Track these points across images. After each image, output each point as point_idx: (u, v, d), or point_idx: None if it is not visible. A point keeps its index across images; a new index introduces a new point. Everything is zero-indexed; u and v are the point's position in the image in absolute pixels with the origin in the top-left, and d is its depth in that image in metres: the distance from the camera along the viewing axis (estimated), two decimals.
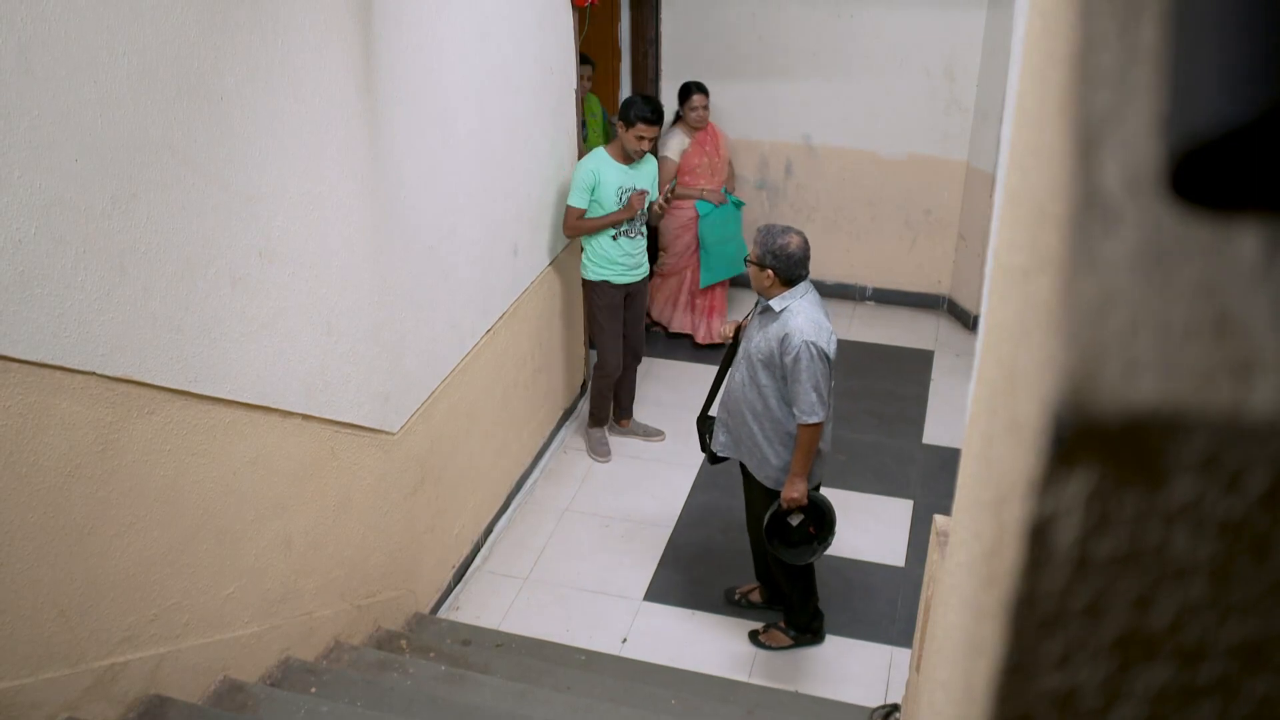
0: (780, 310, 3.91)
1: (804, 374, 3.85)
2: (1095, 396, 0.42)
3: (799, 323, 3.86)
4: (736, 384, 4.13)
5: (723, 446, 4.30)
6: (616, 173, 5.26)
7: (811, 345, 3.82)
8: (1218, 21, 0.39)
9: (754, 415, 4.07)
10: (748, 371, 4.05)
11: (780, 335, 3.88)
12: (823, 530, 4.19)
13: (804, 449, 4.00)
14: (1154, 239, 0.44)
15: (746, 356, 4.06)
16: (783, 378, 3.94)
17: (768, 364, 3.96)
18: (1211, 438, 0.42)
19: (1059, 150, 0.52)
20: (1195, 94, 0.40)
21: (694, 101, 6.29)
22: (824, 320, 3.93)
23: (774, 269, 3.88)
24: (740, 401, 4.11)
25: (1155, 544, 0.45)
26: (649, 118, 5.12)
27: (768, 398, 4.01)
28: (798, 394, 3.90)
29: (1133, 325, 0.43)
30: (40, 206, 2.35)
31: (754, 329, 4.07)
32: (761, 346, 3.97)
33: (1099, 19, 0.49)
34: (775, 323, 3.92)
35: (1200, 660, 0.48)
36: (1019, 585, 0.48)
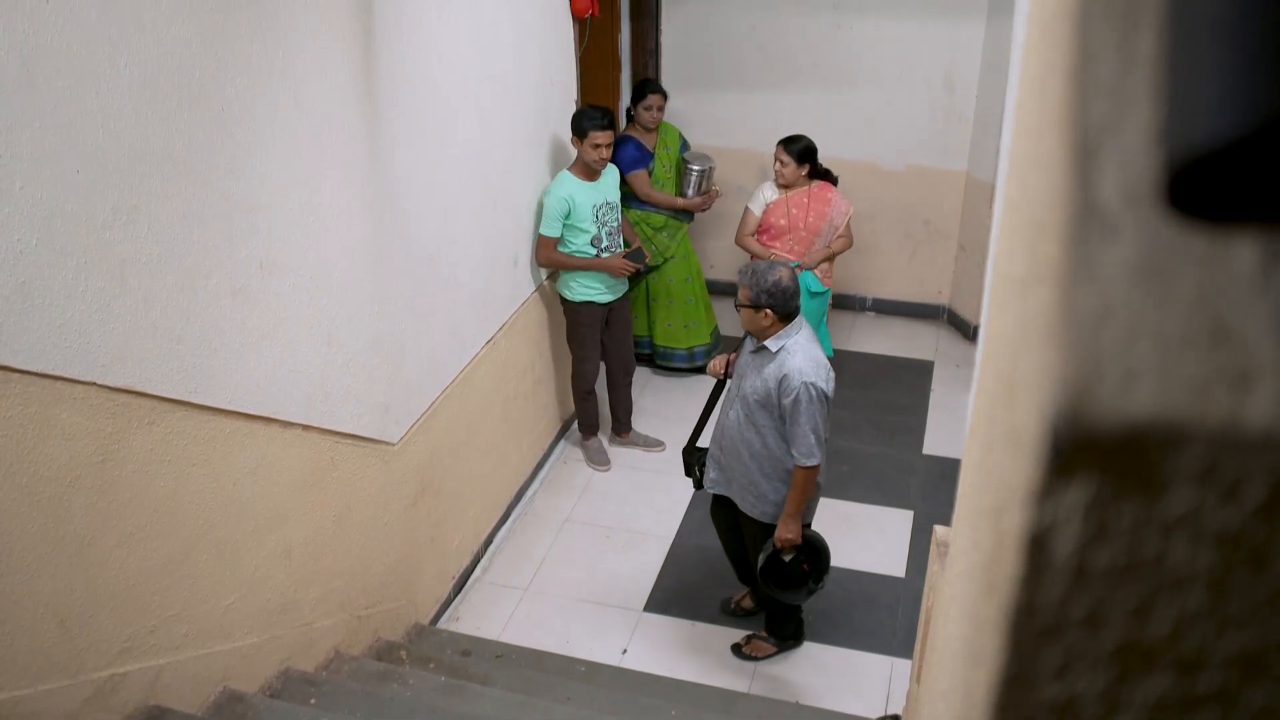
0: (777, 350, 3.81)
1: (803, 416, 3.76)
2: (1093, 406, 0.42)
3: (798, 363, 3.76)
4: (731, 423, 4.02)
5: (713, 483, 4.22)
6: (587, 192, 5.16)
7: (811, 387, 3.73)
8: (1215, 33, 0.39)
9: (751, 454, 3.98)
10: (743, 411, 3.95)
11: (778, 376, 3.79)
12: (818, 567, 4.14)
13: (799, 490, 3.93)
14: (1152, 250, 0.44)
15: (741, 397, 3.96)
16: (780, 418, 3.86)
17: (764, 404, 3.86)
18: (1209, 448, 0.42)
19: (1058, 161, 0.52)
20: (1193, 106, 0.40)
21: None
22: (822, 357, 3.84)
23: (771, 307, 3.76)
24: (736, 441, 4.01)
25: (1153, 554, 0.45)
26: (600, 123, 4.99)
27: (765, 437, 3.93)
28: (796, 436, 3.81)
29: (1131, 335, 0.43)
30: (42, 217, 2.36)
31: (747, 368, 3.96)
32: (758, 387, 3.86)
33: (1097, 30, 0.49)
34: (772, 363, 3.82)
35: (1199, 670, 0.48)
36: (1018, 595, 0.49)
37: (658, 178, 6.08)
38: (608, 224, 5.25)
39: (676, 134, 6.19)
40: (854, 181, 6.94)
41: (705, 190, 6.03)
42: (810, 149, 5.46)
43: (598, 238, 5.23)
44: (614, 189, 5.30)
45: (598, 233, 5.22)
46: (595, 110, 5.04)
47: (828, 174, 5.62)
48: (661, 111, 5.99)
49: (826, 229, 5.55)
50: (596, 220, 5.19)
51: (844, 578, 4.93)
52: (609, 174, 5.28)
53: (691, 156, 6.06)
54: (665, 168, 6.11)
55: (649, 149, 6.03)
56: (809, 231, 5.55)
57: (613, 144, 5.10)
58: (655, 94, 5.95)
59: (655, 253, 6.12)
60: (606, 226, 5.25)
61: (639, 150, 5.98)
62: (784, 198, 5.56)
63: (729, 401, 4.07)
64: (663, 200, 6.02)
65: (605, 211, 5.23)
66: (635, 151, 5.97)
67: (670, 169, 6.12)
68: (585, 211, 5.15)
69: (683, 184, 6.04)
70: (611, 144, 5.09)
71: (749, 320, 3.83)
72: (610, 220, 5.27)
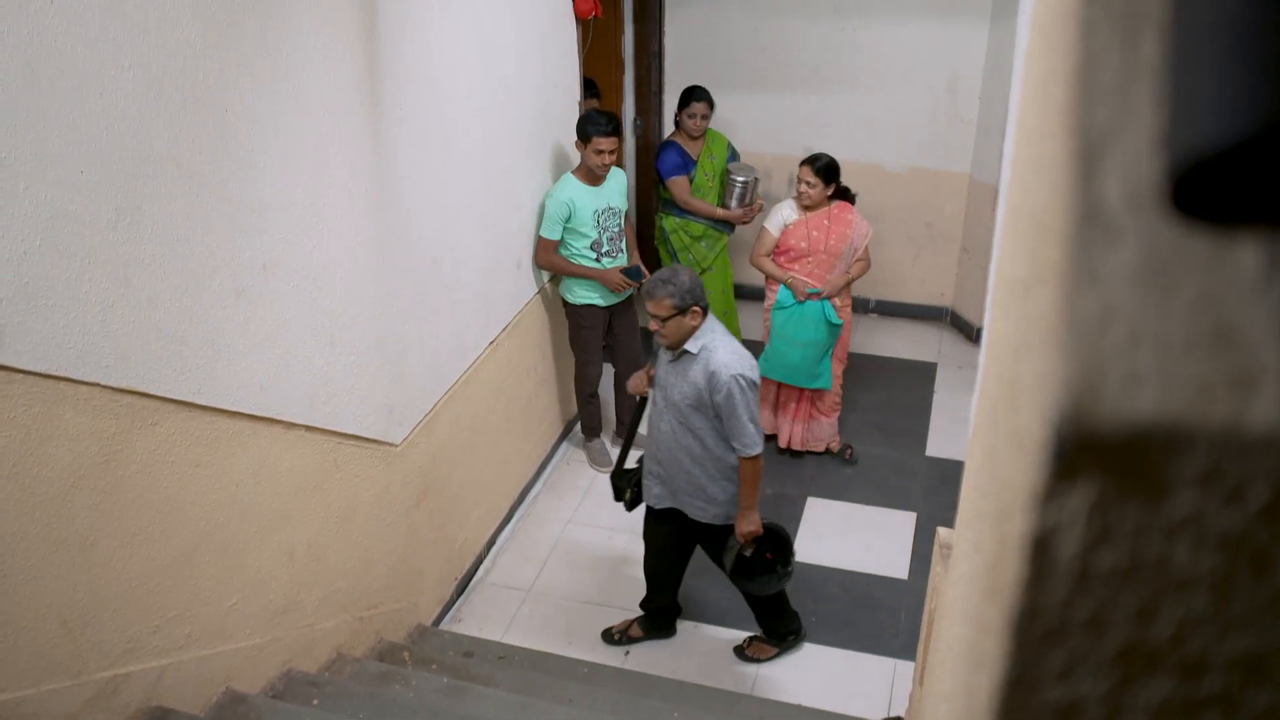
0: (698, 351, 3.82)
1: (739, 408, 3.79)
2: (1096, 410, 0.42)
3: (722, 358, 3.78)
4: (666, 435, 4.01)
5: (657, 498, 4.19)
6: (589, 197, 5.12)
7: (740, 378, 3.76)
8: (1217, 38, 0.40)
9: (693, 459, 3.98)
10: (676, 420, 3.95)
11: (706, 375, 3.80)
12: (783, 555, 4.16)
13: (750, 482, 3.95)
14: (1154, 253, 0.44)
15: (671, 406, 3.95)
16: (716, 416, 3.87)
17: (697, 407, 3.87)
18: (1212, 451, 0.42)
19: (1060, 165, 0.52)
20: (1195, 109, 0.40)
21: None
22: (740, 347, 3.88)
23: (696, 304, 3.77)
24: (675, 450, 4.00)
25: (1156, 557, 0.45)
26: (604, 129, 4.95)
27: (704, 439, 3.93)
28: (735, 430, 3.84)
29: (1133, 339, 0.43)
30: (46, 218, 2.36)
31: (669, 378, 3.95)
32: (686, 392, 3.87)
33: (1100, 35, 0.49)
34: (695, 365, 3.83)
35: (1202, 673, 0.48)
36: (1021, 598, 0.49)
37: (699, 186, 5.97)
38: (609, 230, 5.21)
39: (725, 143, 6.07)
40: (857, 184, 6.91)
41: (749, 203, 5.90)
42: (834, 166, 5.28)
43: (598, 243, 5.19)
44: (618, 195, 5.25)
45: (598, 238, 5.18)
46: (601, 115, 5.00)
47: (846, 192, 5.43)
48: (706, 119, 5.90)
49: (847, 252, 5.33)
50: (597, 225, 5.16)
51: (847, 580, 4.93)
52: (614, 180, 5.23)
53: (736, 168, 5.92)
54: (708, 176, 5.99)
55: (692, 156, 5.94)
56: (830, 254, 5.32)
57: (616, 150, 5.05)
58: (700, 101, 5.87)
59: (692, 263, 6.03)
60: (608, 232, 5.21)
61: (681, 156, 5.90)
62: (804, 219, 5.33)
63: (657, 415, 4.05)
64: (701, 209, 5.92)
65: (607, 217, 5.19)
66: (677, 157, 5.89)
67: (714, 178, 6.00)
68: (586, 216, 5.11)
69: (725, 194, 5.93)
70: (615, 150, 5.04)
71: (676, 328, 3.80)
72: (612, 226, 5.22)
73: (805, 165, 5.26)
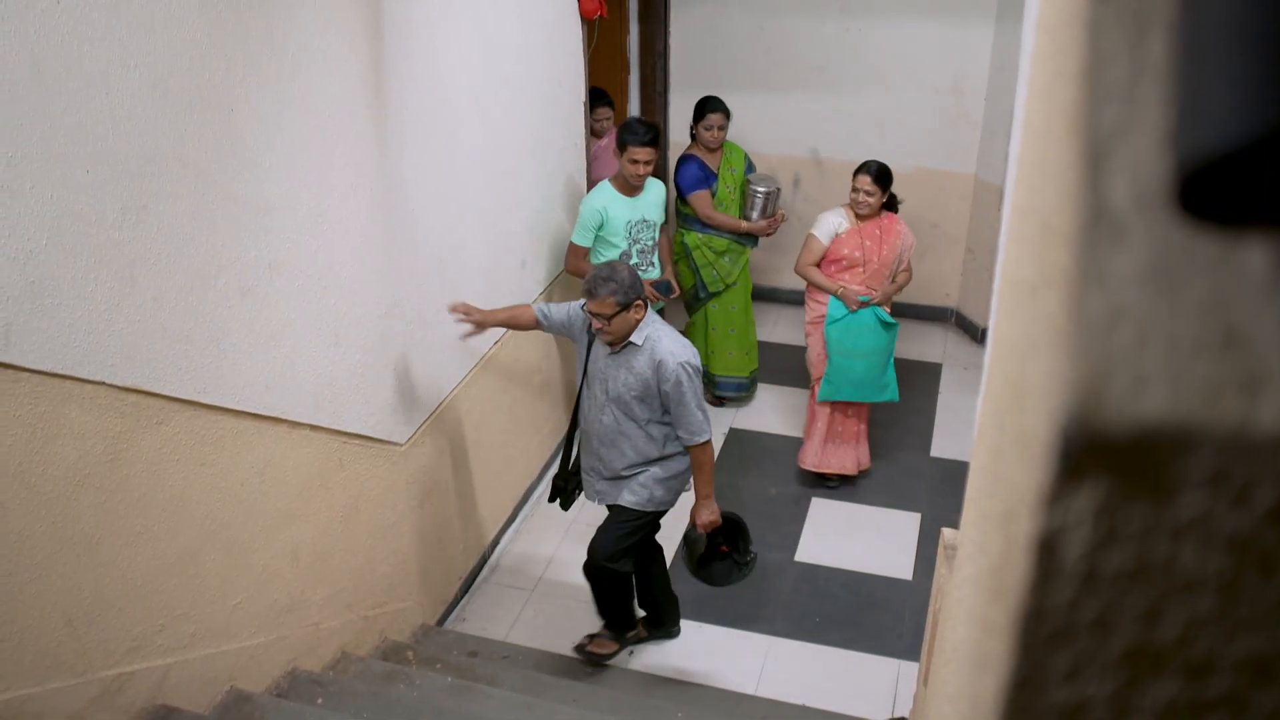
0: (642, 341, 3.78)
1: (688, 396, 3.77)
2: (1103, 411, 0.42)
3: (668, 346, 3.76)
4: (608, 428, 3.95)
5: (600, 495, 4.13)
6: (623, 206, 5.01)
7: (686, 365, 3.74)
8: (1226, 38, 0.39)
9: (635, 449, 3.95)
10: (618, 411, 3.90)
11: (653, 365, 3.76)
12: (736, 544, 4.13)
13: (705, 470, 3.92)
14: (1162, 254, 0.44)
15: (614, 399, 3.88)
16: (662, 406, 3.84)
17: (643, 398, 3.83)
18: (1219, 452, 0.42)
19: (1067, 166, 0.52)
20: (1204, 110, 0.40)
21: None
22: (681, 335, 3.87)
23: (638, 298, 3.72)
24: (618, 440, 3.95)
25: (1163, 558, 0.45)
26: (642, 139, 4.82)
27: (648, 429, 3.91)
28: (684, 417, 3.81)
29: (1141, 340, 0.43)
30: (52, 217, 2.36)
31: (610, 369, 3.88)
32: (632, 384, 3.82)
33: (1108, 35, 0.49)
34: (640, 355, 3.79)
35: (1208, 674, 0.48)
36: (1027, 599, 0.49)
37: (721, 199, 5.80)
38: (640, 242, 5.09)
39: (742, 155, 5.91)
40: None
41: (771, 214, 5.72)
42: (888, 172, 5.01)
43: (627, 254, 5.07)
44: (654, 207, 5.11)
45: (628, 249, 5.07)
46: (640, 124, 4.88)
47: (892, 200, 5.17)
48: (723, 131, 5.71)
49: (895, 262, 5.13)
50: (629, 236, 5.04)
51: (851, 580, 4.93)
52: (652, 191, 5.10)
53: (756, 179, 5.76)
54: (729, 189, 5.82)
55: (712, 169, 5.77)
56: (883, 265, 5.09)
57: (653, 160, 4.90)
58: (716, 112, 5.67)
59: (716, 279, 5.87)
60: (639, 244, 5.09)
61: (701, 170, 5.73)
62: (857, 228, 5.07)
63: (596, 409, 3.97)
64: (725, 223, 5.74)
65: (640, 229, 5.07)
66: (698, 171, 5.72)
67: (734, 190, 5.82)
68: (618, 226, 5.01)
69: (746, 207, 5.74)
70: (652, 161, 4.89)
71: (622, 324, 3.72)
72: (645, 239, 5.10)
73: (861, 174, 5.00)
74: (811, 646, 4.57)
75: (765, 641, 4.61)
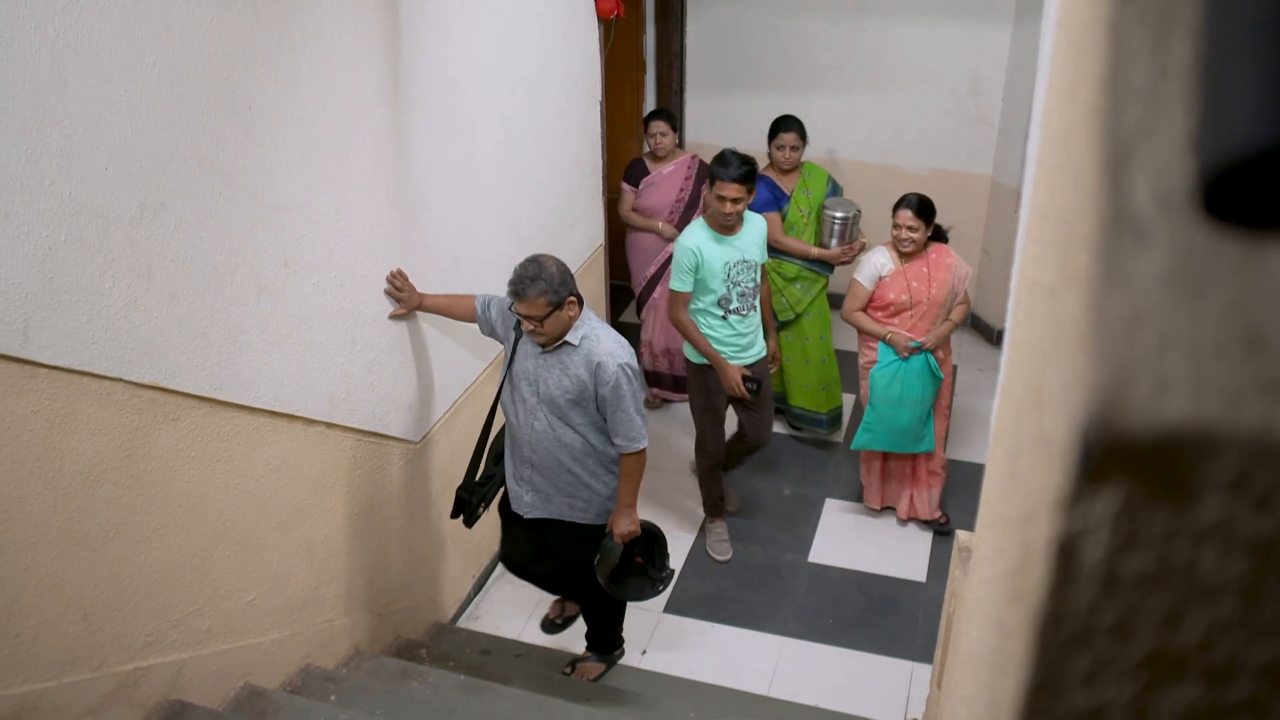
0: (579, 341, 3.53)
1: (627, 400, 3.54)
2: (1124, 414, 0.42)
3: (607, 346, 3.52)
4: (541, 434, 3.66)
5: (530, 507, 3.86)
6: (719, 248, 4.52)
7: (626, 368, 3.52)
8: (1250, 39, 0.39)
9: (574, 458, 3.69)
10: (552, 416, 3.63)
11: (590, 366, 3.52)
12: (658, 558, 3.96)
13: (634, 478, 3.70)
14: (1185, 257, 0.44)
15: (547, 402, 3.61)
16: (598, 410, 3.61)
17: (578, 401, 3.58)
18: (1241, 456, 0.42)
19: (1088, 167, 0.52)
20: (1227, 112, 0.40)
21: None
22: (620, 336, 3.64)
23: (572, 294, 3.47)
24: (552, 449, 3.67)
25: (1184, 562, 0.45)
26: (733, 174, 4.35)
27: (586, 435, 3.66)
28: (622, 423, 3.58)
29: (1163, 343, 0.43)
30: (70, 214, 2.38)
31: (541, 370, 3.60)
32: (567, 386, 3.56)
33: (1130, 36, 0.49)
34: (576, 354, 3.54)
35: (1229, 680, 0.48)
36: (1046, 602, 0.48)
37: (792, 222, 5.47)
38: (740, 285, 4.58)
39: (824, 177, 5.54)
40: (877, 186, 6.93)
41: (849, 240, 5.38)
42: (929, 203, 4.67)
43: (726, 298, 4.58)
44: (755, 247, 4.61)
45: (726, 293, 4.57)
46: (735, 156, 4.41)
47: (940, 231, 4.84)
48: (797, 150, 5.39)
49: (949, 299, 4.77)
50: (727, 279, 4.55)
51: (865, 581, 4.92)
52: (752, 229, 4.61)
53: (834, 203, 5.37)
54: (802, 213, 5.46)
55: (785, 191, 5.47)
56: (933, 304, 4.73)
57: (745, 199, 4.43)
58: (789, 131, 5.37)
59: (785, 307, 5.54)
60: (739, 288, 4.58)
61: (771, 191, 5.42)
62: (901, 269, 4.73)
63: (526, 413, 3.69)
64: (795, 248, 5.41)
65: (740, 271, 4.56)
66: (766, 193, 5.38)
67: (809, 215, 5.46)
68: (715, 268, 4.52)
69: (823, 232, 5.41)
70: (741, 198, 4.41)
71: (555, 325, 3.47)
72: (745, 281, 4.58)
73: (901, 209, 4.66)
74: (824, 648, 4.57)
75: (778, 642, 4.60)
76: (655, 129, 5.72)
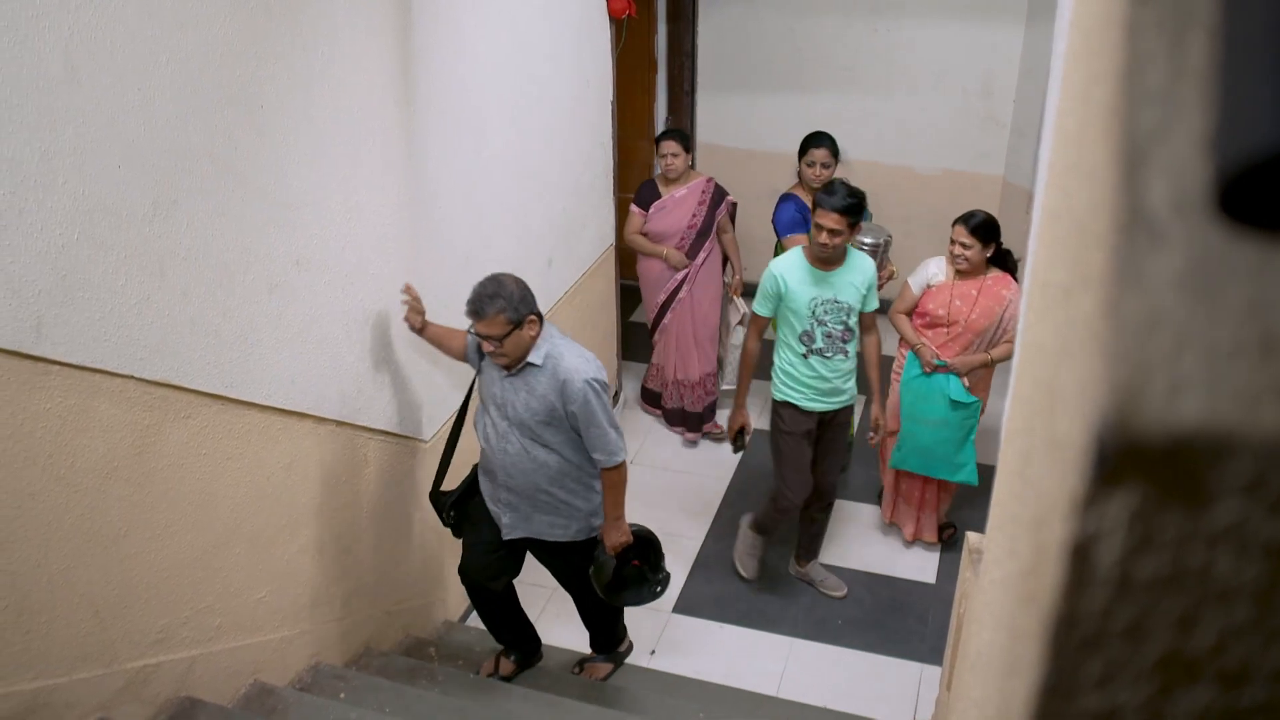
0: (542, 361, 3.44)
1: (597, 414, 3.46)
2: (1140, 416, 0.42)
3: (572, 363, 3.43)
4: (515, 457, 3.55)
5: (509, 528, 3.73)
6: (809, 281, 4.19)
7: (592, 383, 3.43)
8: (1268, 39, 0.39)
9: (550, 479, 3.59)
10: (525, 438, 3.53)
11: (557, 386, 3.43)
12: (648, 559, 3.90)
13: (617, 490, 3.63)
14: (1201, 259, 0.43)
15: (517, 425, 3.52)
16: (572, 428, 3.52)
17: (550, 422, 3.49)
18: (1257, 459, 0.42)
19: (1103, 169, 0.52)
20: (1245, 113, 0.39)
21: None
22: (585, 350, 3.55)
23: (532, 312, 3.37)
24: (530, 472, 3.57)
25: (1199, 565, 0.45)
26: (836, 203, 4.01)
27: (562, 452, 3.57)
28: (597, 438, 3.50)
29: (1179, 345, 0.42)
30: (83, 211, 2.38)
31: (508, 394, 3.51)
32: (536, 408, 3.47)
33: (1146, 37, 0.49)
34: (542, 375, 3.45)
35: (1243, 683, 0.47)
36: (1059, 605, 0.48)
37: None
38: (827, 325, 4.23)
39: None
40: (889, 186, 6.93)
41: (879, 267, 4.88)
42: (993, 224, 4.37)
43: (808, 335, 4.26)
44: (853, 289, 4.22)
45: (809, 330, 4.25)
46: (843, 186, 4.11)
47: (1007, 258, 4.56)
48: (828, 168, 5.14)
49: (991, 329, 4.51)
50: (812, 317, 4.22)
51: (874, 583, 4.91)
52: (854, 270, 4.23)
53: (865, 228, 4.93)
54: None
55: None
56: (969, 330, 4.51)
57: (846, 232, 4.07)
58: (820, 148, 5.17)
59: None
60: (825, 328, 4.24)
61: (800, 211, 5.17)
62: (950, 284, 4.52)
63: (499, 438, 3.58)
64: None
65: (828, 310, 4.22)
66: (794, 212, 5.19)
67: None
68: (800, 302, 4.21)
69: None
70: (841, 231, 4.04)
71: (516, 344, 3.38)
72: (833, 323, 4.23)
73: (958, 224, 4.40)
74: (833, 649, 4.56)
75: (787, 643, 4.60)
76: (666, 149, 5.42)
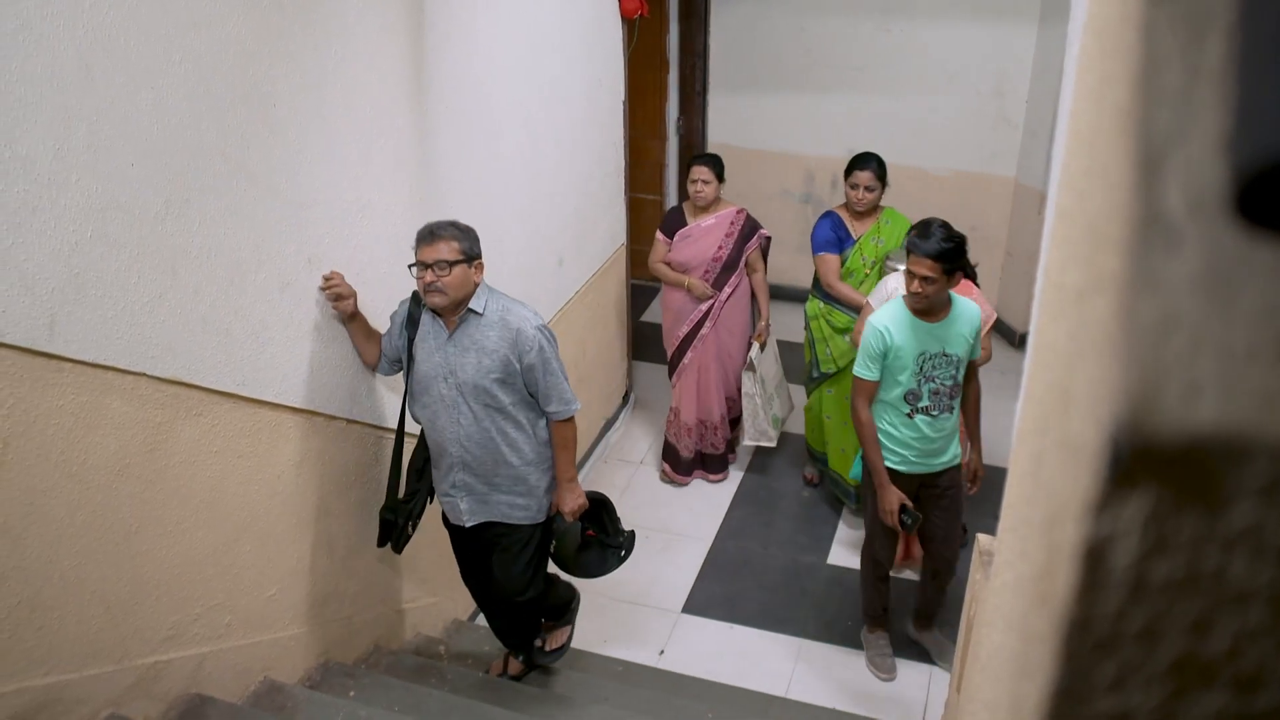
0: (485, 311, 3.30)
1: (553, 361, 3.35)
2: (1155, 418, 0.42)
3: (519, 312, 3.32)
4: (469, 427, 3.39)
5: (469, 514, 3.59)
6: (916, 334, 3.80)
7: (544, 329, 3.34)
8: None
9: (512, 446, 3.44)
10: (479, 403, 3.36)
11: (510, 337, 3.29)
12: (609, 525, 3.78)
13: (569, 448, 3.48)
14: (1217, 260, 0.43)
15: (467, 393, 3.34)
16: (525, 384, 3.38)
17: (504, 380, 3.33)
18: (1273, 462, 0.42)
19: (1118, 171, 0.52)
20: (1261, 114, 0.39)
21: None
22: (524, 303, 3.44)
23: (480, 259, 3.29)
24: (485, 441, 3.42)
25: (1213, 568, 0.45)
26: (922, 245, 3.64)
27: (517, 415, 3.42)
28: (553, 387, 3.37)
29: (1194, 347, 0.42)
30: (96, 210, 2.39)
31: (452, 356, 3.34)
32: (486, 364, 3.31)
33: (1162, 38, 0.48)
34: (491, 329, 3.30)
35: (1258, 687, 0.47)
36: (1072, 607, 0.48)
37: (851, 269, 4.92)
38: (935, 381, 3.86)
39: (904, 227, 4.77)
40: (900, 187, 6.89)
41: None
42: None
43: (914, 394, 3.87)
44: (962, 340, 3.84)
45: (916, 388, 3.87)
46: (941, 229, 3.69)
47: (968, 266, 4.00)
48: (872, 192, 4.83)
49: None
50: (919, 373, 3.84)
51: None
52: (961, 320, 3.83)
53: (898, 255, 4.57)
54: (865, 260, 4.90)
55: (851, 233, 4.92)
56: None
57: (935, 278, 3.66)
58: (864, 169, 4.83)
59: (829, 358, 5.02)
60: (932, 384, 3.86)
61: (835, 231, 4.92)
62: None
63: (447, 411, 3.40)
64: (846, 295, 4.86)
65: (937, 365, 3.84)
66: (829, 232, 4.93)
67: (873, 264, 4.89)
68: (907, 357, 3.82)
69: None
70: (935, 279, 3.66)
71: (461, 280, 3.22)
72: (941, 378, 3.86)
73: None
74: (843, 650, 4.56)
75: (796, 644, 4.60)
76: (697, 175, 5.04)
